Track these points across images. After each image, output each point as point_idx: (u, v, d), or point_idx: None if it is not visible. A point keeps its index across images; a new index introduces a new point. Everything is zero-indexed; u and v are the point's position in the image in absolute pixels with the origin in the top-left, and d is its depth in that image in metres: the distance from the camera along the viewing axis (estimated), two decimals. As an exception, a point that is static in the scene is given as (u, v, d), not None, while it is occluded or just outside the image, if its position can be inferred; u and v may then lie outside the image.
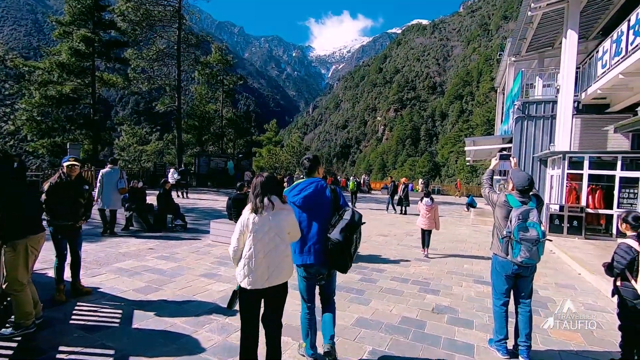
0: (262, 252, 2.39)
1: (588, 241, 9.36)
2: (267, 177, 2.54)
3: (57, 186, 4.08)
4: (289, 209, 2.60)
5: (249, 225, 2.40)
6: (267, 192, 2.47)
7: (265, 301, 2.53)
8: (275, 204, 2.47)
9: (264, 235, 2.40)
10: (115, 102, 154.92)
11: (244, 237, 2.43)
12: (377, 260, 6.83)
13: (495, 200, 3.38)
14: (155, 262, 5.83)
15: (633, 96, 9.93)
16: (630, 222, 3.11)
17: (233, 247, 2.44)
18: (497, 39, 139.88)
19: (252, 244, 2.38)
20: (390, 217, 13.73)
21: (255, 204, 2.43)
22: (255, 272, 2.37)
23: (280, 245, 2.47)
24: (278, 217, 2.47)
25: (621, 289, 3.13)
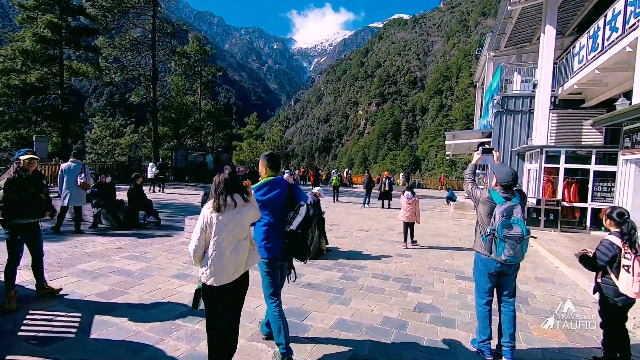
0: (228, 250, 2.37)
1: (563, 234, 9.55)
2: (230, 174, 2.52)
3: (14, 182, 3.72)
4: (251, 203, 2.58)
5: (212, 224, 2.36)
6: (230, 190, 2.45)
7: (228, 295, 2.51)
8: (237, 202, 2.46)
9: (229, 233, 2.39)
10: (88, 94, 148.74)
11: (205, 236, 2.38)
12: (358, 256, 6.68)
13: (478, 196, 3.25)
14: (123, 263, 5.46)
15: (607, 92, 10.14)
16: (615, 218, 3.05)
17: (194, 245, 2.38)
18: (475, 35, 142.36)
19: (217, 243, 2.35)
20: (370, 212, 13.66)
21: (219, 203, 2.40)
22: (224, 268, 2.36)
23: (242, 240, 2.48)
24: (241, 214, 2.47)
25: (602, 286, 3.08)
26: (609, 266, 3.00)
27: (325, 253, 6.66)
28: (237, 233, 2.44)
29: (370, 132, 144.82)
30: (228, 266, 2.38)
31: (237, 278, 2.46)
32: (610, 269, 3.00)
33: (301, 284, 4.88)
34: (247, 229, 2.56)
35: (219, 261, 2.35)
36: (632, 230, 2.94)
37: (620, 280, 2.89)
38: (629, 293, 2.86)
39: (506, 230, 2.88)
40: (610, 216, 3.09)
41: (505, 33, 14.57)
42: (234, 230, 2.42)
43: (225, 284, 2.39)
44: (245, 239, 2.53)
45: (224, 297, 2.49)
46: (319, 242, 6.60)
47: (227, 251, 2.37)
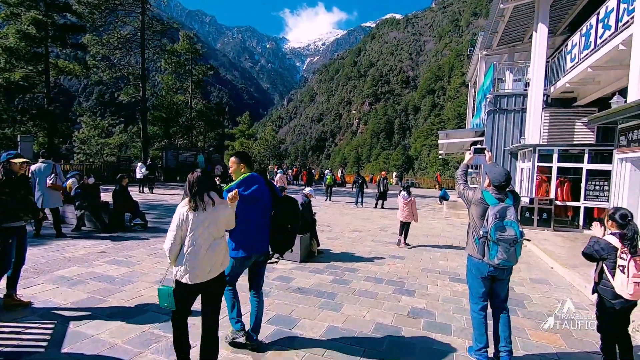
0: (204, 248, 2.38)
1: (557, 233, 9.51)
2: (203, 173, 2.53)
3: (5, 184, 3.65)
4: (226, 202, 2.61)
5: (188, 222, 2.39)
6: (205, 189, 2.47)
7: (203, 296, 2.53)
8: (215, 200, 2.49)
9: (205, 230, 2.41)
10: (78, 93, 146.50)
11: (181, 234, 2.39)
12: (350, 258, 6.52)
13: (470, 197, 3.12)
14: (105, 268, 5.22)
15: (599, 90, 10.13)
16: (617, 220, 2.93)
17: (170, 243, 2.39)
18: (467, 35, 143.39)
19: (193, 240, 2.37)
20: (363, 212, 13.52)
21: (196, 202, 2.42)
22: (198, 267, 2.36)
23: (218, 239, 2.49)
24: (217, 212, 2.48)
25: (600, 287, 2.98)
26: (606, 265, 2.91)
27: (317, 255, 6.48)
28: (213, 231, 2.45)
29: (363, 132, 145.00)
30: (204, 263, 2.38)
31: (212, 278, 2.46)
32: (608, 270, 2.89)
33: (291, 289, 4.70)
34: (222, 228, 2.56)
35: (194, 258, 2.35)
36: (635, 235, 2.82)
37: (616, 281, 2.79)
38: (624, 294, 2.75)
39: (499, 233, 2.77)
40: (612, 217, 2.98)
41: (498, 32, 14.53)
42: (210, 227, 2.43)
43: (199, 283, 2.39)
44: (221, 238, 2.54)
45: (195, 296, 2.51)
46: (310, 244, 6.43)
47: (203, 248, 2.38)
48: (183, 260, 2.36)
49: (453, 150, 21.47)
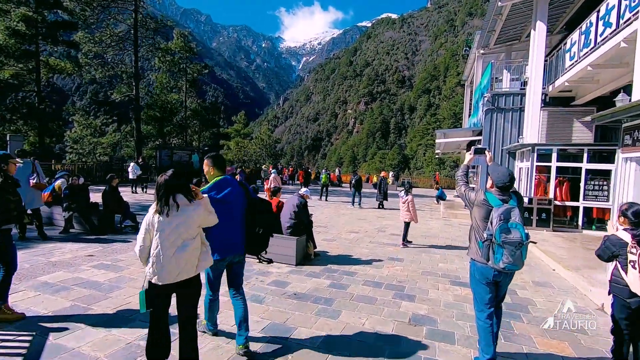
0: (170, 249, 2.37)
1: (556, 233, 9.40)
2: (170, 175, 2.49)
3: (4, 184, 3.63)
4: (197, 202, 2.54)
5: (154, 224, 2.40)
6: (171, 191, 2.44)
7: (178, 297, 2.53)
8: (180, 204, 2.44)
9: (171, 233, 2.39)
10: (71, 92, 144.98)
11: (150, 236, 2.42)
12: (347, 261, 6.33)
13: (472, 199, 2.99)
14: (92, 273, 4.98)
15: (598, 89, 10.03)
16: (630, 217, 2.82)
17: (139, 245, 2.42)
18: (462, 35, 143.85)
19: (160, 242, 2.37)
20: (360, 212, 13.34)
21: (161, 205, 2.41)
22: (165, 268, 2.36)
23: (188, 240, 2.46)
24: (185, 214, 2.45)
25: (612, 285, 2.89)
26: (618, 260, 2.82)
27: (313, 258, 6.29)
28: (182, 232, 2.42)
29: (359, 131, 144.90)
30: (170, 265, 2.37)
31: (184, 280, 2.44)
32: (620, 264, 2.77)
33: (286, 294, 4.50)
34: (194, 229, 2.50)
35: (161, 260, 2.35)
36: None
37: (628, 277, 2.69)
38: (638, 290, 2.65)
39: (504, 235, 2.65)
40: (625, 214, 2.87)
41: (495, 30, 14.41)
42: (178, 228, 2.40)
43: (170, 284, 2.40)
44: (193, 239, 2.49)
45: (169, 297, 2.51)
46: (307, 246, 6.23)
47: (170, 250, 2.37)
48: (151, 262, 2.38)
49: (450, 149, 21.38)
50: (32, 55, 19.80)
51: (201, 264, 2.55)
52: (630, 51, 7.32)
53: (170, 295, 2.53)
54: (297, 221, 5.98)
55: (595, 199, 9.59)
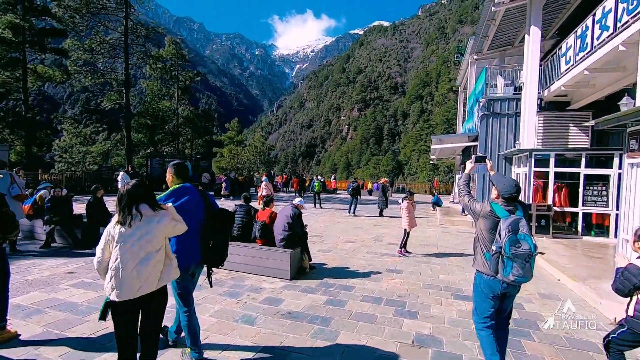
0: (132, 262, 2.27)
1: (556, 240, 9.21)
2: (134, 185, 2.40)
3: None
4: (162, 213, 2.45)
5: (115, 236, 2.29)
6: (134, 201, 2.35)
7: (142, 312, 2.43)
8: (143, 214, 2.34)
9: (134, 245, 2.29)
10: (63, 100, 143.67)
11: (109, 248, 2.31)
12: (344, 273, 6.03)
13: (478, 210, 2.88)
14: (70, 293, 4.63)
15: (594, 93, 9.95)
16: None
17: (98, 258, 2.32)
18: (453, 42, 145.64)
19: (120, 254, 2.26)
20: (356, 220, 13.06)
21: (123, 216, 2.31)
22: (125, 282, 2.25)
23: (152, 253, 2.36)
24: (149, 225, 2.35)
25: (634, 321, 2.56)
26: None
27: (309, 271, 5.98)
28: (144, 244, 2.32)
29: (353, 137, 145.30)
30: (131, 280, 2.26)
31: (148, 294, 2.34)
32: None
33: (280, 314, 4.19)
34: (159, 241, 2.40)
35: (120, 274, 2.24)
36: None
37: None
38: None
39: (514, 248, 2.56)
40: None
41: (488, 36, 14.41)
42: (140, 241, 2.30)
43: (131, 300, 2.27)
44: (157, 252, 2.39)
45: (134, 312, 2.37)
46: (302, 258, 5.93)
47: (131, 263, 2.26)
48: (110, 276, 2.26)
49: (445, 155, 21.27)
50: (19, 63, 19.36)
51: (164, 277, 2.44)
52: (628, 55, 7.23)
53: (134, 311, 2.38)
54: (291, 233, 5.68)
55: (595, 204, 9.44)
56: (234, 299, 4.64)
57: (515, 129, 12.00)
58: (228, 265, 5.88)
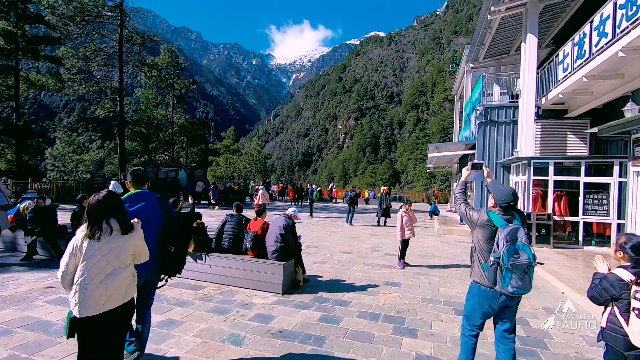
0: (98, 277, 2.22)
1: (557, 250, 8.99)
2: (104, 196, 2.33)
3: None
4: (135, 232, 2.41)
5: (82, 249, 2.22)
6: (104, 214, 2.28)
7: (106, 326, 2.32)
8: (113, 227, 2.29)
9: (101, 260, 2.24)
10: (59, 109, 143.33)
11: (75, 261, 2.23)
12: (340, 287, 5.76)
13: (475, 218, 2.80)
14: (46, 310, 4.32)
15: (592, 101, 9.84)
16: (630, 252, 2.34)
17: (61, 271, 2.23)
18: (448, 52, 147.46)
19: (86, 269, 2.19)
20: (352, 230, 12.78)
21: (91, 229, 2.24)
22: (90, 298, 2.18)
23: (120, 268, 2.32)
24: (118, 240, 2.31)
25: (607, 333, 2.33)
26: (617, 305, 2.28)
27: (302, 285, 5.69)
28: (112, 259, 2.27)
29: (349, 146, 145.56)
30: (97, 295, 2.20)
31: (111, 309, 2.27)
32: (620, 312, 2.27)
33: (270, 332, 3.90)
34: (126, 257, 2.36)
35: (85, 289, 2.18)
36: None
37: (631, 327, 2.19)
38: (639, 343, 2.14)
39: (513, 258, 2.48)
40: (624, 248, 2.37)
41: (484, 44, 14.40)
42: (108, 255, 2.25)
43: (95, 315, 2.20)
44: (126, 267, 2.35)
45: (99, 327, 2.26)
46: (295, 272, 5.65)
47: (97, 279, 2.21)
48: (74, 291, 2.18)
49: (442, 163, 21.14)
50: (11, 71, 19.12)
51: (128, 292, 2.39)
52: (627, 61, 7.14)
53: (98, 327, 2.28)
54: (284, 244, 5.41)
55: (595, 213, 9.26)
56: (222, 316, 4.35)
57: (513, 136, 11.88)
58: (218, 279, 5.62)
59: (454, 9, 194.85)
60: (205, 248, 5.83)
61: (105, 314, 2.25)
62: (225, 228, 5.86)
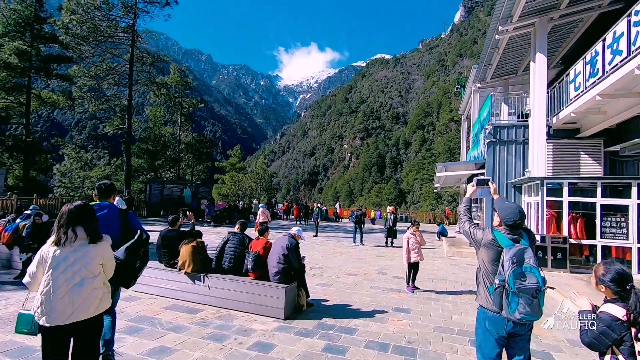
0: (64, 287, 2.20)
1: (575, 275, 8.53)
2: (77, 206, 2.36)
3: None
4: (104, 238, 2.44)
5: (47, 259, 2.23)
6: (74, 222, 2.30)
7: (74, 339, 2.31)
8: (79, 235, 2.29)
9: (68, 269, 2.22)
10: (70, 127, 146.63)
11: (42, 269, 2.23)
12: (346, 312, 5.40)
13: (479, 238, 2.62)
14: (31, 334, 4.03)
15: (605, 121, 9.59)
16: (610, 285, 2.04)
17: (27, 280, 2.25)
18: (453, 74, 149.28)
19: (52, 279, 2.19)
20: (358, 251, 12.40)
21: (58, 236, 2.28)
22: (56, 308, 2.16)
23: (88, 278, 2.29)
24: (86, 249, 2.30)
25: None
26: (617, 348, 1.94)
27: (306, 309, 5.35)
28: (78, 269, 2.25)
29: (355, 166, 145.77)
30: (63, 305, 2.17)
31: (82, 320, 2.24)
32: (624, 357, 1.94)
33: None
34: (95, 267, 2.33)
35: (51, 299, 2.16)
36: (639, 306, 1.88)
37: None
38: None
39: (519, 282, 2.28)
40: (603, 282, 2.07)
41: (492, 64, 14.36)
42: (74, 265, 2.23)
43: (62, 326, 2.18)
44: (95, 277, 2.32)
45: (65, 340, 2.25)
46: (298, 295, 5.32)
47: (62, 289, 2.18)
48: (40, 301, 2.17)
49: (449, 183, 20.81)
50: (23, 88, 19.51)
51: (101, 304, 2.36)
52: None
53: (68, 339, 2.28)
54: (287, 266, 5.12)
55: (614, 236, 8.82)
56: (219, 344, 4.03)
57: (524, 156, 11.59)
58: (216, 301, 5.32)
59: (459, 32, 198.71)
60: (204, 268, 5.56)
61: (74, 325, 2.21)
62: (226, 247, 5.59)
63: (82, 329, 2.28)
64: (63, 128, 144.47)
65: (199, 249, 5.62)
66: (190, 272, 5.47)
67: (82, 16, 19.07)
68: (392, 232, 13.37)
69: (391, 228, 13.25)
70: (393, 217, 13.35)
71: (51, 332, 2.19)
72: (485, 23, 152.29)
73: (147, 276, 5.91)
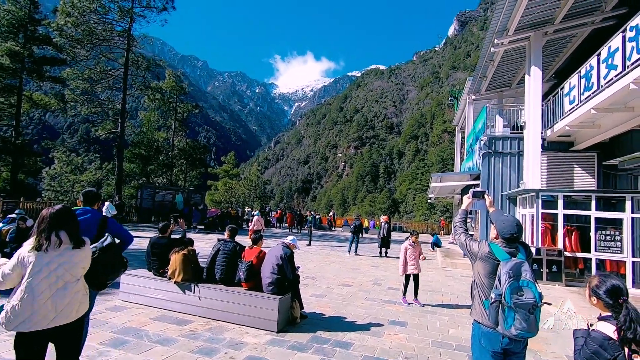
0: (47, 292, 2.14)
1: (570, 289, 8.48)
2: (58, 209, 2.31)
3: None
4: (86, 247, 2.39)
5: (27, 263, 2.12)
6: (55, 227, 2.24)
7: (56, 345, 2.28)
8: (63, 240, 2.24)
9: (51, 274, 2.17)
10: (62, 130, 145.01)
11: (18, 274, 2.13)
12: (341, 325, 5.24)
13: (475, 250, 2.56)
14: (7, 347, 3.81)
15: (599, 134, 9.68)
16: (604, 298, 1.91)
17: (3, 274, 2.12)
18: (447, 86, 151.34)
19: (33, 285, 2.10)
20: (352, 261, 12.24)
21: (40, 241, 2.18)
22: (38, 313, 2.10)
23: (71, 282, 2.26)
24: (69, 253, 2.26)
25: None
26: None
27: (299, 322, 5.18)
28: (62, 274, 2.21)
29: (349, 174, 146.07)
30: (43, 310, 2.12)
31: (62, 325, 2.21)
32: None
33: None
34: (78, 271, 2.33)
35: (30, 304, 2.08)
36: (632, 323, 1.74)
37: None
38: None
39: (516, 296, 2.23)
40: (597, 293, 1.95)
41: (487, 76, 14.50)
42: (57, 270, 2.19)
43: (43, 331, 2.14)
44: (76, 282, 2.31)
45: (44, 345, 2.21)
46: (292, 306, 5.15)
47: (45, 294, 2.14)
48: (20, 306, 2.07)
49: (444, 193, 20.82)
50: (14, 89, 19.19)
51: (81, 307, 2.34)
52: (638, 94, 7.00)
53: (46, 344, 2.24)
54: (281, 276, 4.96)
55: (608, 250, 8.82)
56: (208, 358, 3.84)
57: (519, 168, 11.63)
58: (207, 312, 5.12)
59: (452, 45, 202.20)
60: (195, 277, 5.37)
61: (54, 330, 2.18)
62: (217, 258, 5.41)
63: (62, 333, 2.24)
64: (55, 131, 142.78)
65: (190, 257, 5.44)
66: (181, 282, 5.28)
67: (77, 19, 18.90)
68: (385, 242, 13.24)
69: (385, 238, 13.13)
70: (387, 226, 13.22)
71: (30, 337, 2.13)
72: (478, 37, 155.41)
73: (136, 285, 5.70)
